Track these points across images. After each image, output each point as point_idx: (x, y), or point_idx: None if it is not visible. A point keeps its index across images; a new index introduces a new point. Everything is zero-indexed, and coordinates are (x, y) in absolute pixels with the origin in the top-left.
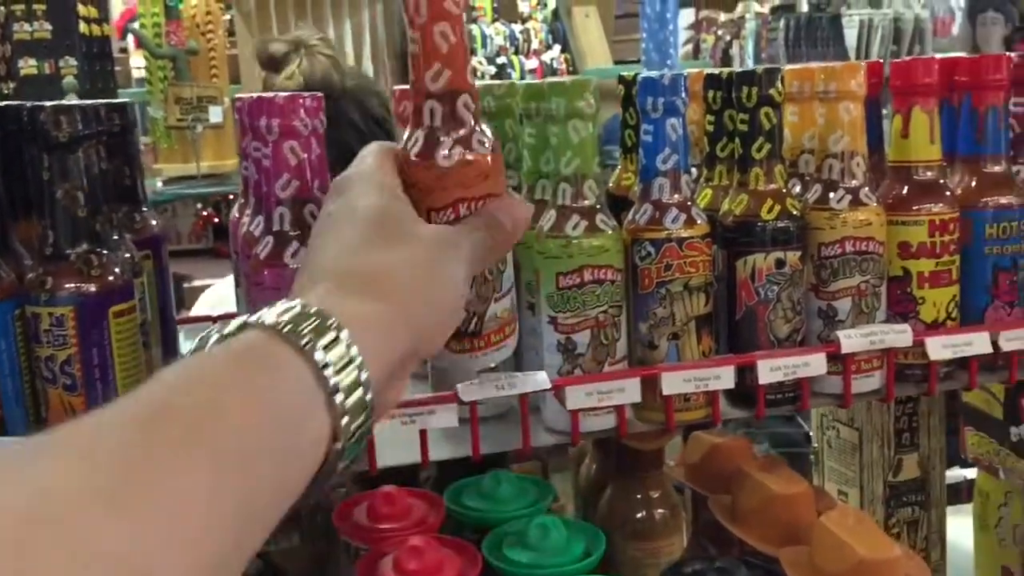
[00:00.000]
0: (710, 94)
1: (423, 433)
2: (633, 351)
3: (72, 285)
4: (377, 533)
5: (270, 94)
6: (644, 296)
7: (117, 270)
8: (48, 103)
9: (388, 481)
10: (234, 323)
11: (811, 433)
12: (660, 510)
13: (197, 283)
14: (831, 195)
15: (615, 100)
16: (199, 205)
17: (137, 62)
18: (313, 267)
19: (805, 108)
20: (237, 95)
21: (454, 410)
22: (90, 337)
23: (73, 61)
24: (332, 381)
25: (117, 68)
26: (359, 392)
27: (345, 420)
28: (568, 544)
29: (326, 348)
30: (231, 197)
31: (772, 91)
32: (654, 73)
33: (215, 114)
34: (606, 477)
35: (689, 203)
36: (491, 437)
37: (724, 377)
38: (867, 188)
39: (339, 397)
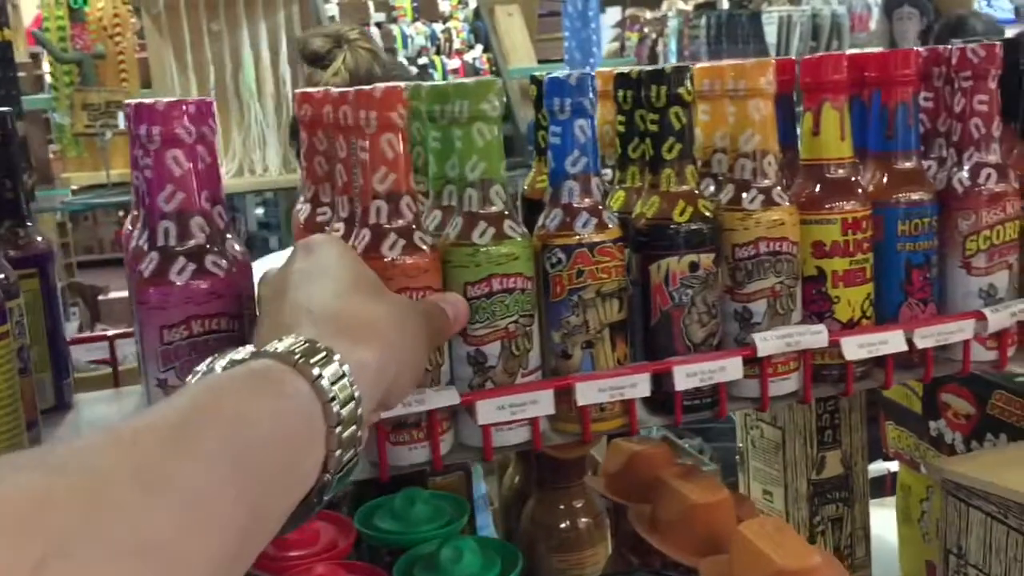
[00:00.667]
0: (620, 93)
1: None
2: (547, 361)
3: None
4: (283, 561)
5: (151, 100)
6: (556, 304)
7: None
8: None
9: None
10: (243, 351)
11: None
12: (583, 520)
13: (114, 295)
14: (744, 195)
15: None
16: (120, 213)
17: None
18: (305, 307)
19: (716, 106)
20: (127, 101)
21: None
22: None
23: None
24: (335, 411)
25: (24, 74)
26: (353, 428)
27: (339, 452)
28: (483, 566)
29: (332, 382)
30: None
31: (681, 90)
32: (560, 73)
33: (124, 120)
34: (528, 487)
35: (600, 207)
36: (397, 455)
37: (640, 385)
38: (779, 187)
39: (338, 429)
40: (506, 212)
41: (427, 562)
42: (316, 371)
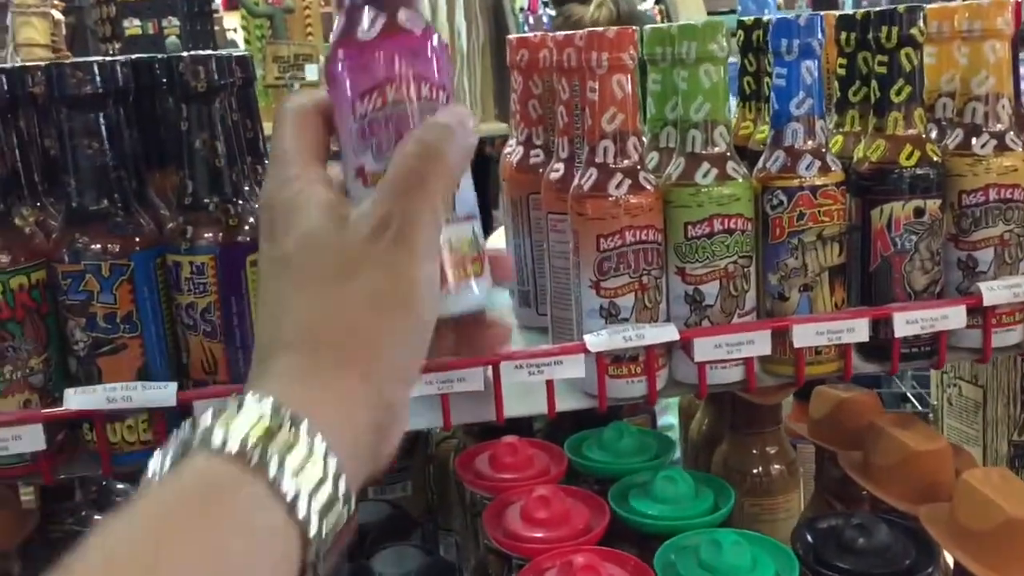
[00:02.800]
0: (843, 36)
1: (550, 384)
2: (762, 303)
3: (212, 234)
4: (501, 482)
5: None
6: (775, 246)
7: (253, 219)
8: (185, 54)
9: (501, 434)
10: (195, 438)
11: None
12: (778, 466)
13: None
14: (974, 140)
15: None
16: None
17: (230, 22)
18: (273, 334)
19: (945, 49)
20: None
21: (581, 361)
22: (230, 285)
23: (175, 21)
24: (302, 512)
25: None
26: (336, 507)
27: (320, 534)
28: (696, 496)
29: (296, 472)
30: None
31: (914, 30)
32: (787, 14)
33: (311, 72)
34: (720, 432)
35: (823, 150)
36: (616, 387)
37: (858, 330)
38: (1012, 132)
39: (313, 525)
40: (729, 153)
41: (641, 489)
42: (274, 464)
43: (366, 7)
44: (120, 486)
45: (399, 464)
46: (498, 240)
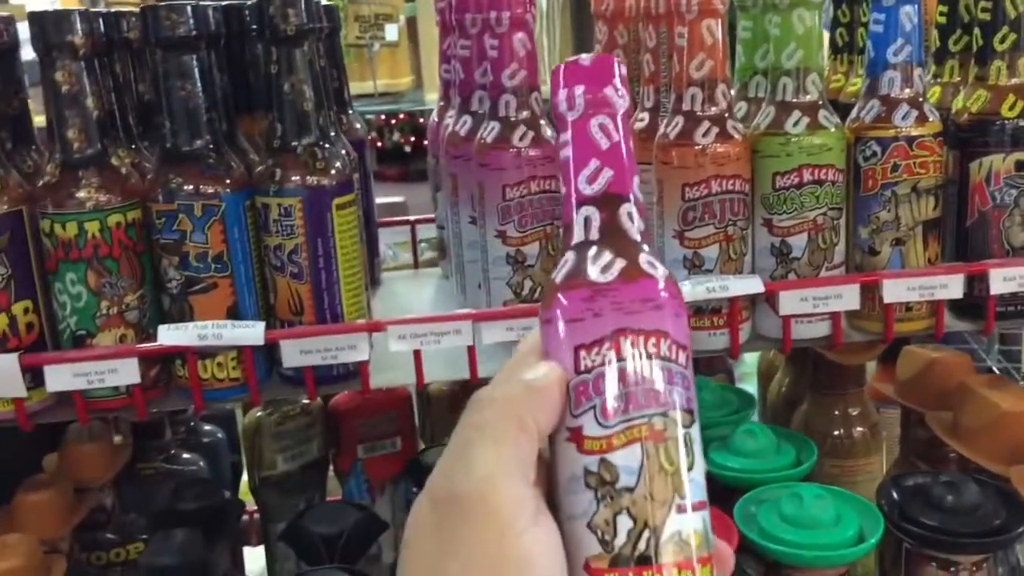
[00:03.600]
0: None
1: None
2: (851, 257)
3: (299, 177)
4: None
5: None
6: (866, 199)
7: (339, 164)
8: None
9: None
10: None
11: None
12: (860, 428)
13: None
14: None
15: None
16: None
17: None
18: None
19: None
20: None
21: None
22: (316, 227)
23: None
24: None
25: None
26: None
27: None
28: (778, 451)
29: None
30: (394, 120)
31: None
32: None
33: (391, 32)
34: (801, 393)
35: (921, 99)
36: (697, 339)
37: (952, 286)
38: None
39: None
40: (821, 102)
41: (721, 443)
42: None
43: (602, 248)
44: (207, 427)
45: None
46: None
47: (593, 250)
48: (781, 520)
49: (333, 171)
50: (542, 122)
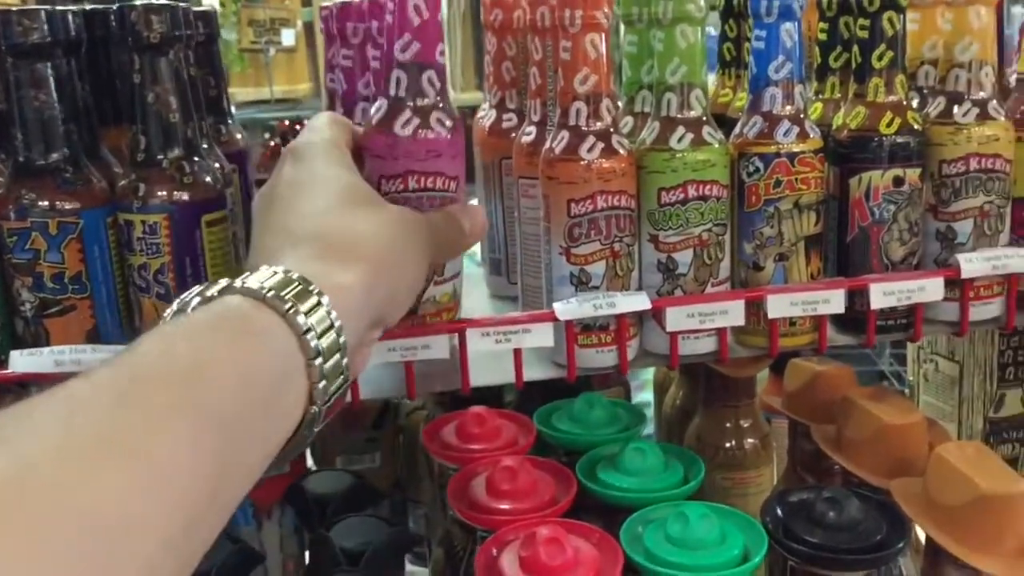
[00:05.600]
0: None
1: (517, 353)
2: (736, 273)
3: (165, 192)
4: (467, 453)
5: None
6: (750, 214)
7: (209, 179)
8: (137, 2)
9: (472, 405)
10: (216, 286)
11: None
12: (751, 440)
13: None
14: (956, 108)
15: None
16: (267, 135)
17: None
18: (288, 228)
19: (928, 15)
20: (323, 5)
21: (550, 329)
22: (183, 246)
23: None
24: (312, 345)
25: None
26: (337, 356)
27: (323, 383)
28: (666, 469)
29: (307, 313)
30: (297, 126)
31: None
32: None
33: (287, 37)
34: (694, 405)
35: (802, 115)
36: (585, 357)
37: (834, 301)
38: (995, 101)
39: (318, 361)
40: (705, 118)
41: (609, 461)
42: (288, 305)
43: (406, 108)
44: None
45: (367, 435)
46: None
47: (399, 106)
48: (666, 541)
49: (202, 186)
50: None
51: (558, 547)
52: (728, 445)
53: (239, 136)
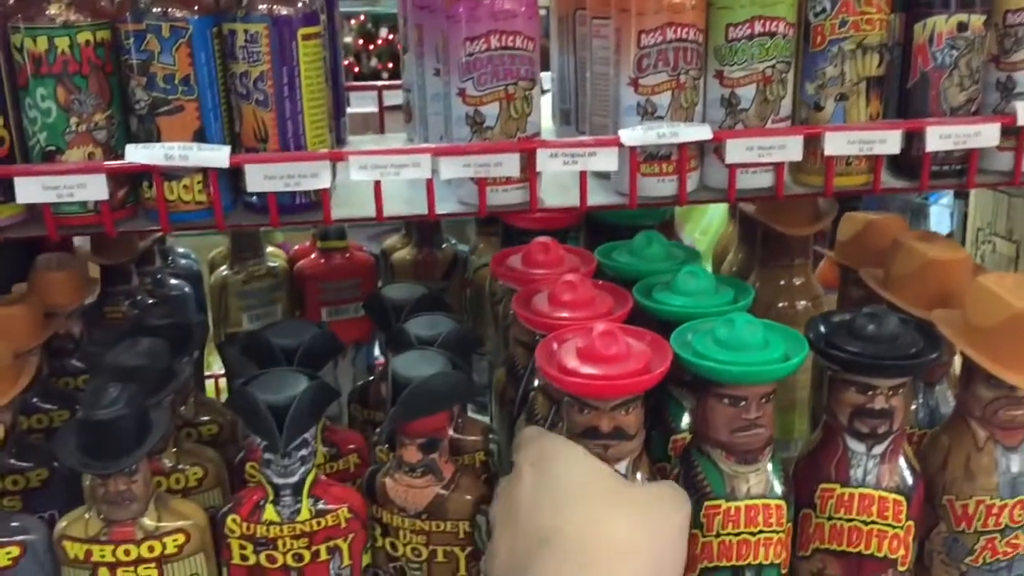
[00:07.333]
0: None
1: (583, 176)
2: (797, 113)
3: (265, 4)
4: (530, 277)
5: None
6: (815, 55)
7: None
8: None
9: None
10: None
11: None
12: (803, 301)
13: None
14: None
15: None
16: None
17: None
18: (543, 539)
19: None
20: None
21: (615, 153)
22: (281, 55)
23: None
24: None
25: None
26: None
27: None
28: (716, 292)
29: None
30: (371, 46)
31: None
32: None
33: None
34: (750, 266)
35: None
36: (647, 185)
37: (890, 141)
38: None
39: None
40: None
41: (665, 285)
42: None
43: None
44: (174, 281)
45: (435, 287)
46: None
47: None
48: (714, 343)
49: (299, 2)
50: None
51: (612, 339)
52: (781, 304)
53: None
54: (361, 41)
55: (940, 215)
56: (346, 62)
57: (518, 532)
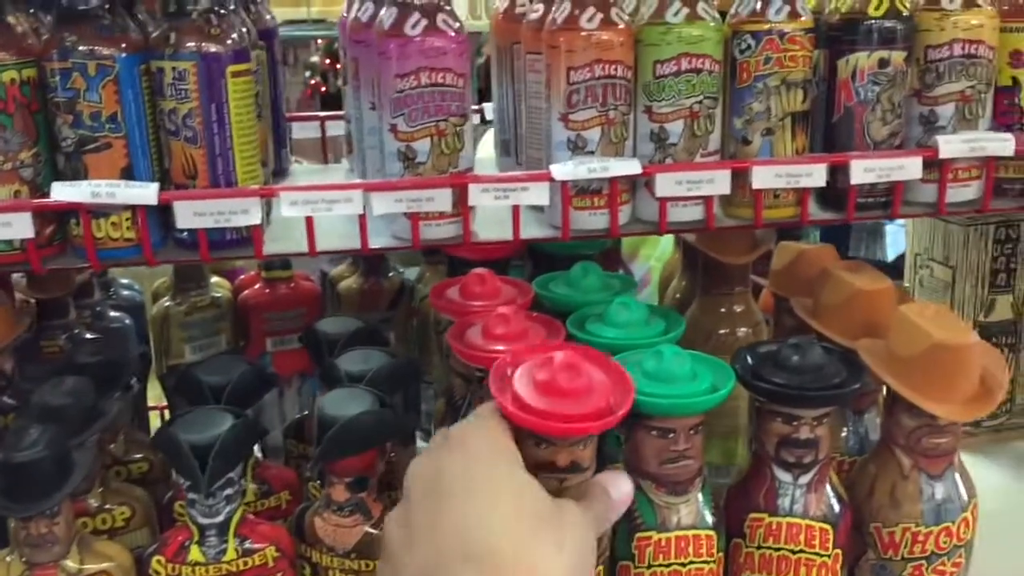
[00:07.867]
0: None
1: (516, 210)
2: (725, 147)
3: (194, 42)
4: (470, 309)
5: None
6: (741, 91)
7: (235, 34)
8: None
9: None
10: None
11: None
12: (744, 328)
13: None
14: None
15: None
16: (307, 74)
17: None
18: (461, 549)
19: None
20: None
21: (546, 188)
22: (210, 92)
23: None
24: None
25: None
26: None
27: None
28: (648, 323)
29: None
30: (339, 66)
31: None
32: None
33: None
34: (692, 294)
35: None
36: (579, 219)
37: (816, 175)
38: None
39: None
40: None
41: (598, 317)
42: None
43: (415, 12)
44: (113, 314)
45: (382, 316)
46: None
47: (408, 10)
48: (643, 375)
49: (229, 40)
50: (444, 8)
51: (575, 372)
52: (722, 331)
53: (268, 17)
54: (328, 61)
55: (896, 235)
56: (313, 81)
57: (437, 522)
